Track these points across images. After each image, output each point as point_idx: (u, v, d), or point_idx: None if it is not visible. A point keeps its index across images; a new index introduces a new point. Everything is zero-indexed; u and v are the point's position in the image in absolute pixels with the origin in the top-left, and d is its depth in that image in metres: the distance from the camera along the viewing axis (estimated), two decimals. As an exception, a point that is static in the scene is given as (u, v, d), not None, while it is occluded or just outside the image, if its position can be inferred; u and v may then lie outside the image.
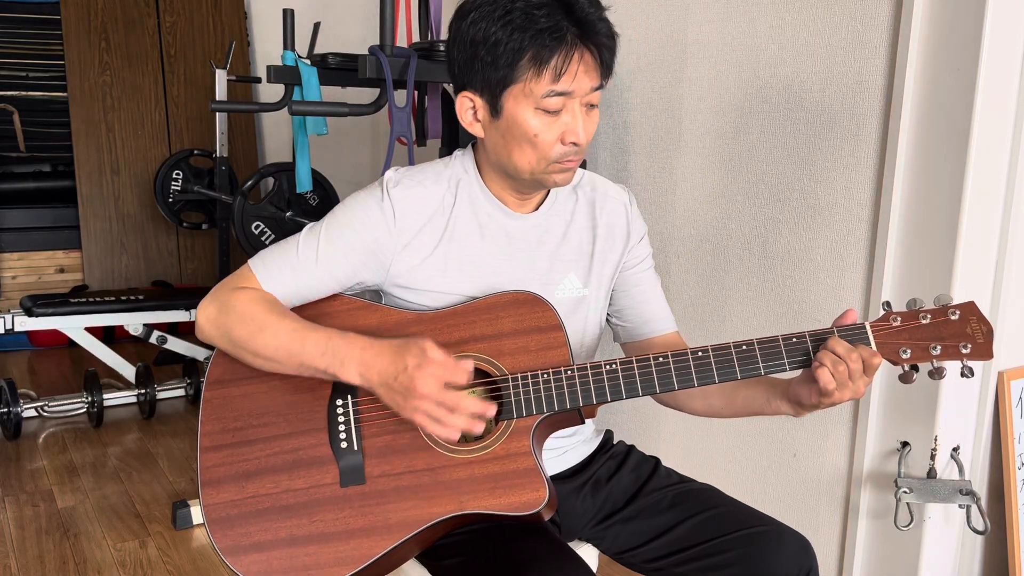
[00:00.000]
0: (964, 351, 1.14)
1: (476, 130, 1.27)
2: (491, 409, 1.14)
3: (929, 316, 1.16)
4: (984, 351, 1.15)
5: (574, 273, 1.35)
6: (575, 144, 1.22)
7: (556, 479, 1.39)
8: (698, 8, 2.10)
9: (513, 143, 1.23)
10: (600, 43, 1.19)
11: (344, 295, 1.30)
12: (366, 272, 1.28)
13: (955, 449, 1.75)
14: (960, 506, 1.76)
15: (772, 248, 1.99)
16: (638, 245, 1.41)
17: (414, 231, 1.27)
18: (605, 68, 1.22)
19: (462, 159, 1.34)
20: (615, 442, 1.50)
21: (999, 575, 1.88)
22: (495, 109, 1.22)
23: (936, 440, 1.73)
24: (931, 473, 1.73)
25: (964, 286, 1.66)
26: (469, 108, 1.26)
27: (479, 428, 1.14)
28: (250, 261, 1.29)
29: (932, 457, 1.73)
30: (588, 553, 1.42)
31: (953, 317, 1.16)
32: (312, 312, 1.28)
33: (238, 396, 1.26)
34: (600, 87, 1.22)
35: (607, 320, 1.45)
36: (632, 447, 1.48)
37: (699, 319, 2.18)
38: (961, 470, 1.75)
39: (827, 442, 1.92)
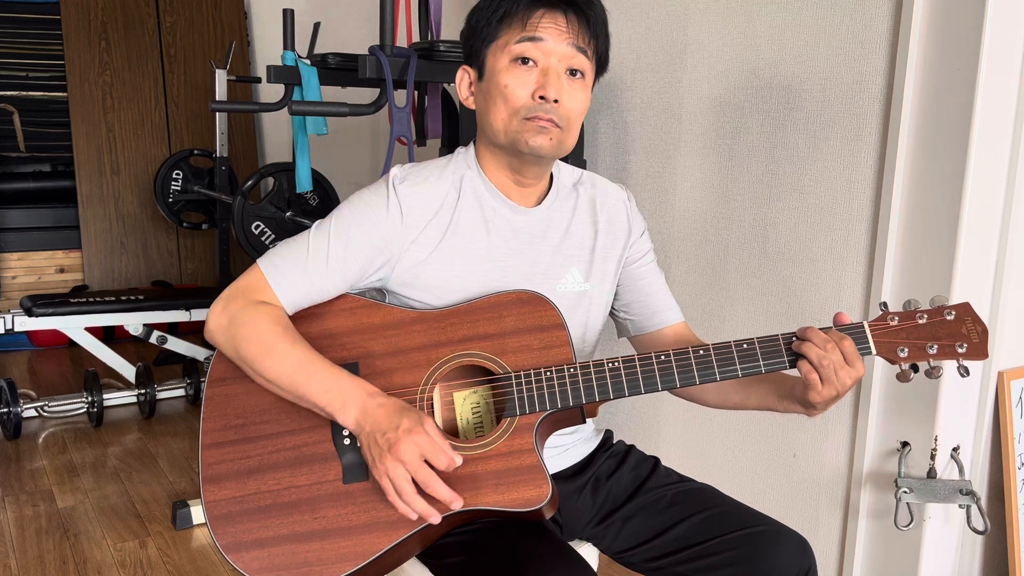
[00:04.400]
0: (960, 351, 1.16)
1: (470, 103, 1.32)
2: (456, 503, 1.14)
3: (925, 316, 1.18)
4: (979, 351, 1.16)
5: (576, 268, 1.36)
6: (543, 99, 1.22)
7: (556, 478, 1.39)
8: (698, 8, 2.10)
9: (490, 102, 1.26)
10: (581, 11, 1.23)
11: (349, 294, 1.30)
12: (374, 269, 1.28)
13: (955, 449, 1.75)
14: (960, 506, 1.76)
15: (772, 247, 1.99)
16: (639, 240, 1.43)
17: (420, 227, 1.28)
18: (588, 31, 1.25)
19: (464, 155, 1.35)
20: (615, 441, 1.50)
21: (999, 575, 1.88)
22: (480, 72, 1.28)
23: (936, 440, 1.73)
24: (931, 473, 1.73)
25: (964, 286, 1.66)
26: (466, 82, 1.32)
27: (436, 519, 1.14)
28: (260, 263, 1.28)
29: (932, 457, 1.73)
30: (588, 552, 1.42)
31: (949, 317, 1.17)
32: (317, 311, 1.28)
33: (240, 393, 1.26)
34: (581, 50, 1.24)
35: (615, 316, 1.46)
36: (632, 446, 1.49)
37: (699, 318, 2.18)
38: (961, 470, 1.75)
39: (827, 442, 1.92)
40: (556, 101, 1.23)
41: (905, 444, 1.77)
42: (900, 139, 1.69)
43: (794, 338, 1.19)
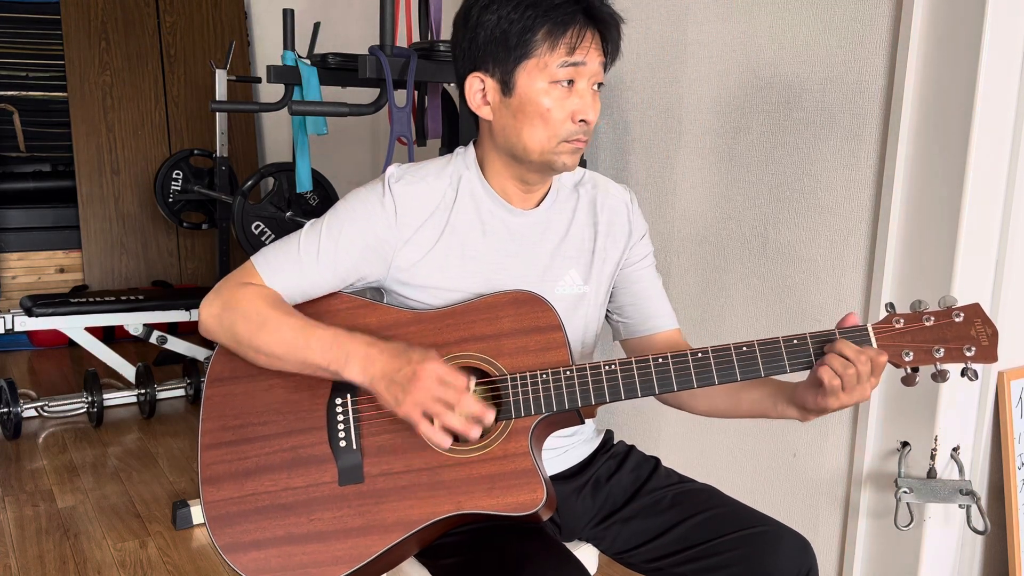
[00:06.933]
0: (968, 354, 1.13)
1: (484, 112, 1.27)
2: (490, 414, 1.14)
3: (933, 318, 1.15)
4: (988, 354, 1.14)
5: (575, 270, 1.35)
6: (584, 122, 1.23)
7: (556, 479, 1.39)
8: (698, 8, 2.10)
9: (524, 121, 1.23)
10: (605, 22, 1.23)
11: (344, 293, 1.30)
12: (367, 268, 1.28)
13: (955, 449, 1.75)
14: (960, 506, 1.76)
15: (772, 248, 1.99)
16: (639, 243, 1.42)
17: (415, 227, 1.27)
18: (612, 48, 1.25)
19: (464, 156, 1.34)
20: (615, 442, 1.49)
21: (999, 575, 1.88)
22: (507, 87, 1.23)
23: (936, 440, 1.73)
24: (931, 473, 1.73)
25: (964, 285, 1.66)
26: (479, 90, 1.26)
27: (475, 433, 1.14)
28: (253, 258, 1.29)
29: (932, 457, 1.73)
30: (588, 553, 1.42)
31: (957, 319, 1.14)
32: (312, 310, 1.28)
33: (238, 394, 1.26)
34: (606, 65, 1.26)
35: (608, 318, 1.45)
36: (632, 447, 1.48)
37: (699, 319, 2.18)
38: (961, 470, 1.75)
39: (827, 442, 1.92)
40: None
41: (905, 444, 1.77)
42: (900, 139, 1.69)
43: (809, 340, 1.17)
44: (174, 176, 4.09)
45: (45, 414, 3.33)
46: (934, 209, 1.67)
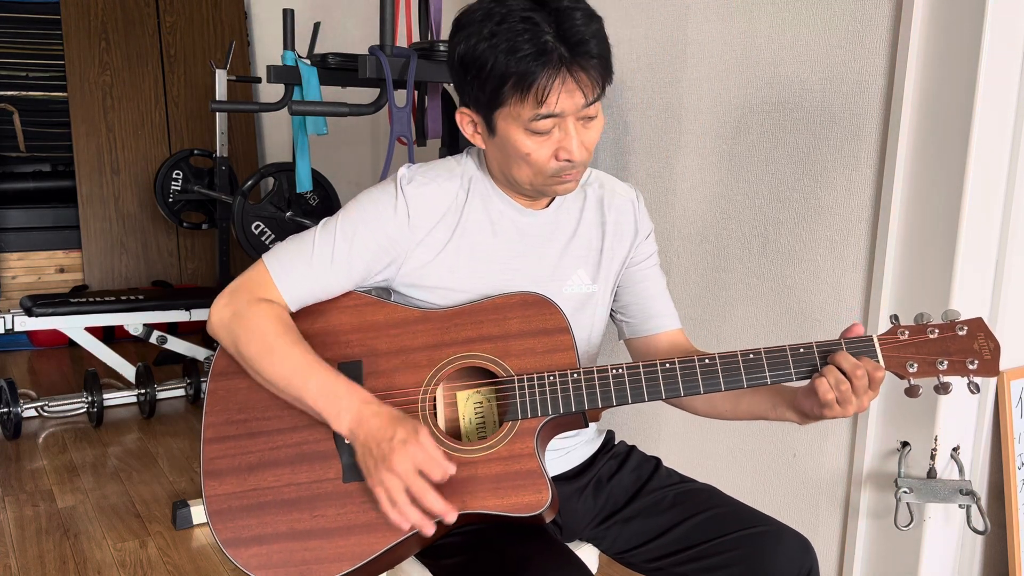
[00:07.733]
0: (971, 367, 1.15)
1: (477, 142, 1.28)
2: (451, 514, 1.12)
3: (937, 331, 1.16)
4: (991, 368, 1.15)
5: (583, 269, 1.36)
6: (569, 160, 1.21)
7: (558, 479, 1.39)
8: (698, 8, 2.10)
9: (511, 159, 1.24)
10: (588, 64, 1.15)
11: (353, 291, 1.30)
12: (380, 268, 1.28)
13: (955, 449, 1.75)
14: (960, 506, 1.76)
15: (772, 248, 1.99)
16: (644, 242, 1.42)
17: (427, 228, 1.28)
18: (599, 79, 1.18)
19: (474, 157, 1.34)
20: (616, 442, 1.50)
21: (999, 575, 1.89)
22: (489, 128, 1.23)
23: (936, 440, 1.73)
24: (931, 473, 1.73)
25: (965, 286, 1.66)
26: (469, 123, 1.27)
27: (430, 530, 1.13)
28: (265, 258, 1.28)
29: (932, 457, 1.73)
30: (589, 553, 1.42)
31: (961, 333, 1.16)
32: (321, 307, 1.29)
33: (243, 388, 1.26)
34: (593, 101, 1.19)
35: (612, 317, 1.46)
36: (633, 447, 1.49)
37: (700, 319, 2.18)
38: (961, 470, 1.75)
39: (827, 442, 1.93)
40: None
41: (905, 444, 1.77)
42: (900, 139, 1.69)
43: (815, 349, 1.17)
44: (174, 176, 4.09)
45: (45, 414, 3.33)
46: (934, 209, 1.67)
